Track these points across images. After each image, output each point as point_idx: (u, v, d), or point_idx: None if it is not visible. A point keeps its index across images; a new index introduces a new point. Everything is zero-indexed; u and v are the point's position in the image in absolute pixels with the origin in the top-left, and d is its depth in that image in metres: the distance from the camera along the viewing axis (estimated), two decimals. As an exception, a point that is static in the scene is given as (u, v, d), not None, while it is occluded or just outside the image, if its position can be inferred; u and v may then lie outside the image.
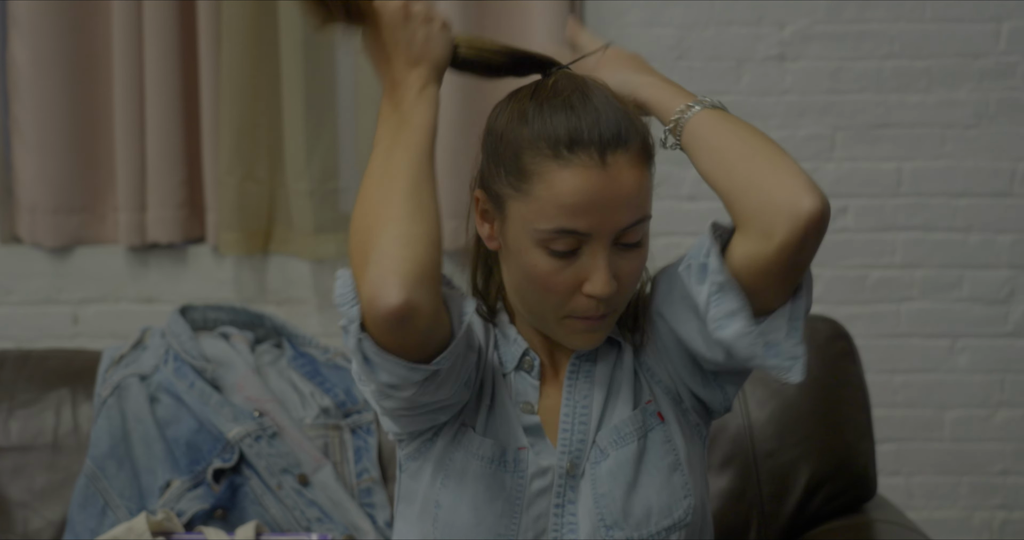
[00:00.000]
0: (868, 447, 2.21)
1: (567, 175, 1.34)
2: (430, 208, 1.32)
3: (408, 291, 1.26)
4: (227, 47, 2.71)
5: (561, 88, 1.39)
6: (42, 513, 2.20)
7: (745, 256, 1.35)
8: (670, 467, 1.46)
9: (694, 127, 1.39)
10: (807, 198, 1.32)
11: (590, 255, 1.36)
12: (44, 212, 2.80)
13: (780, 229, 1.32)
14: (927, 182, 2.88)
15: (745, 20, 2.83)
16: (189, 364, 2.22)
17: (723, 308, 1.36)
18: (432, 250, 1.29)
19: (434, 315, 1.30)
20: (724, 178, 1.37)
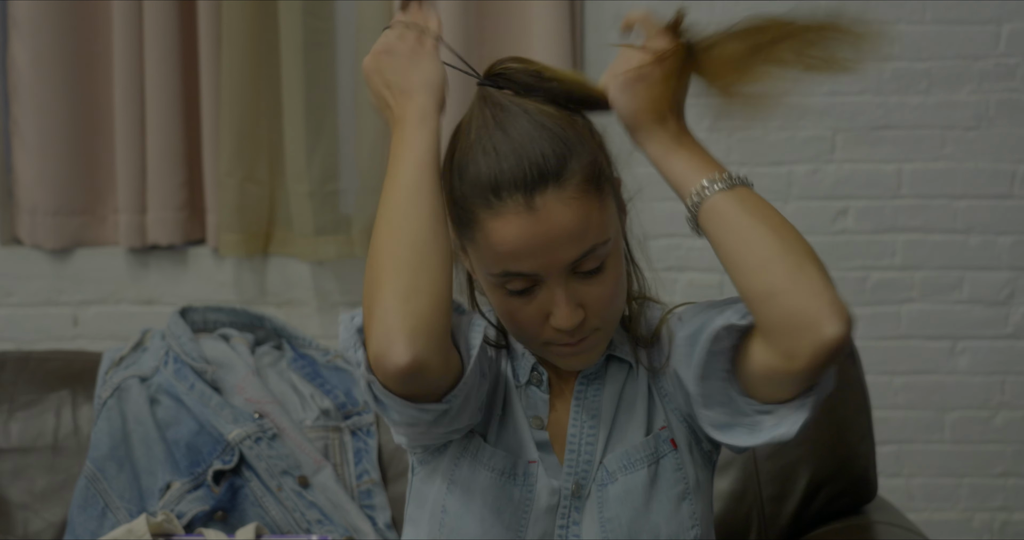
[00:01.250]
0: (868, 449, 2.21)
1: (499, 224, 1.31)
2: (434, 253, 1.28)
3: (415, 350, 1.25)
4: (227, 49, 2.71)
5: (479, 127, 1.34)
6: (42, 515, 2.20)
7: (765, 366, 1.30)
8: (679, 496, 1.44)
9: (712, 211, 1.33)
10: (830, 325, 1.26)
11: (548, 290, 1.34)
12: (44, 214, 2.80)
13: (803, 355, 1.27)
14: (927, 184, 2.88)
15: (745, 22, 2.82)
16: (189, 366, 2.22)
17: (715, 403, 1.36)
18: (437, 301, 1.26)
19: (444, 366, 1.28)
20: (743, 280, 1.30)
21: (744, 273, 1.30)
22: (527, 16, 2.72)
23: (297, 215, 2.77)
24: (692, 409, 1.43)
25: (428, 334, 1.25)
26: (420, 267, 1.27)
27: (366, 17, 2.73)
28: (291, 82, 2.72)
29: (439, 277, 1.27)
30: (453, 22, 2.67)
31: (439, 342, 1.26)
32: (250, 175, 2.77)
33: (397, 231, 1.29)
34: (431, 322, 1.25)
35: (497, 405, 1.46)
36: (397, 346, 1.24)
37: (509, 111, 1.34)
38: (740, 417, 1.35)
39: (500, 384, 1.46)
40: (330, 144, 2.78)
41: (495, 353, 1.47)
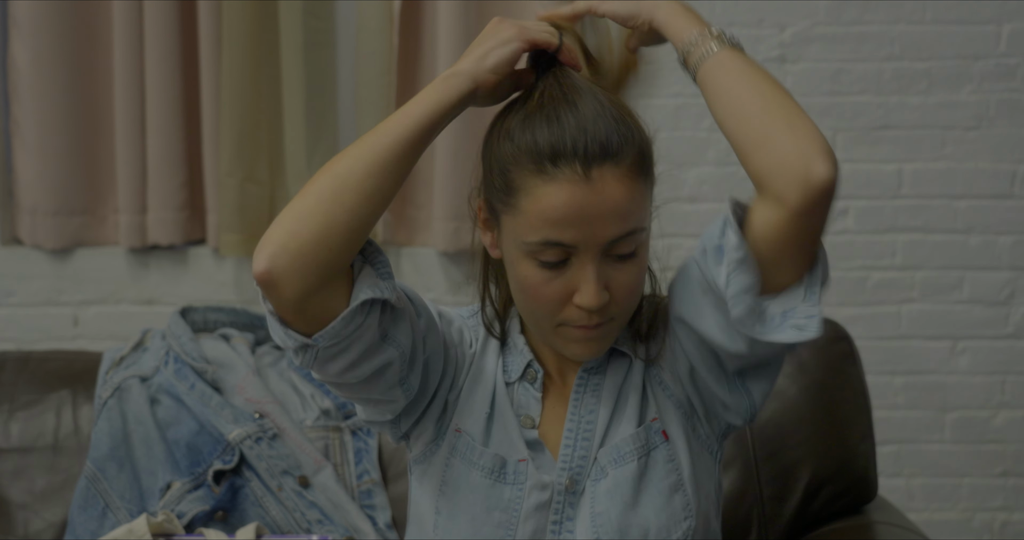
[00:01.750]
0: (869, 449, 2.21)
1: (551, 189, 1.33)
2: (353, 194, 1.31)
3: (271, 263, 1.29)
4: (228, 49, 2.71)
5: (548, 98, 1.37)
6: (43, 515, 2.20)
7: (761, 224, 1.33)
8: (671, 487, 1.44)
9: (713, 68, 1.37)
10: (819, 163, 1.29)
11: (579, 266, 1.35)
12: (45, 214, 2.80)
13: (793, 194, 1.30)
14: (927, 184, 2.88)
15: (745, 22, 2.83)
16: (189, 366, 2.22)
17: (739, 284, 1.34)
18: (327, 232, 1.29)
19: (302, 292, 1.29)
20: (738, 130, 1.34)
21: (741, 120, 1.34)
22: (527, 16, 2.71)
23: (297, 215, 2.76)
24: (697, 367, 1.43)
25: (295, 255, 1.28)
26: (329, 198, 1.30)
27: (366, 17, 2.73)
28: (291, 82, 2.72)
29: (342, 214, 1.30)
30: (453, 22, 2.67)
31: (305, 268, 1.29)
32: (250, 175, 2.77)
33: (334, 163, 1.33)
34: (303, 246, 1.29)
35: (484, 403, 1.46)
36: (260, 254, 1.30)
37: (580, 89, 1.37)
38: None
39: (486, 382, 1.46)
40: (330, 144, 2.78)
41: (481, 346, 1.47)
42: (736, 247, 1.33)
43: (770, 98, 1.35)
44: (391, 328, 1.38)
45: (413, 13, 2.76)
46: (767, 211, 1.32)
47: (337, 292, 1.32)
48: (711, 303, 1.38)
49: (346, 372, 1.37)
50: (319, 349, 1.33)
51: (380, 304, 1.35)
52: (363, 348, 1.36)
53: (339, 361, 1.35)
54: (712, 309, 1.38)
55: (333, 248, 1.30)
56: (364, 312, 1.33)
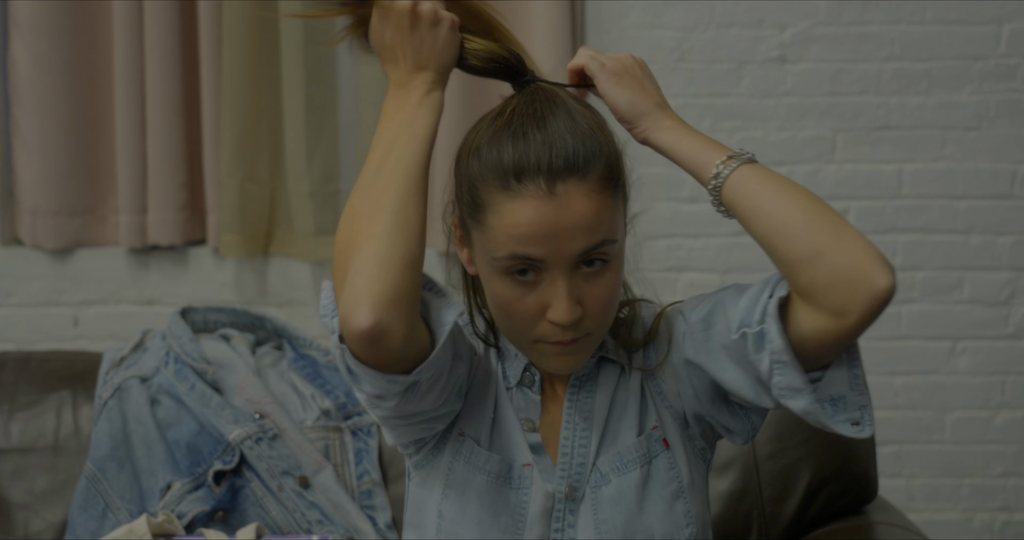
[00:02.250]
0: (869, 449, 2.21)
1: (516, 206, 1.32)
2: (414, 225, 1.30)
3: (378, 314, 1.26)
4: (228, 49, 2.71)
5: (516, 115, 1.36)
6: (43, 515, 2.20)
7: (815, 330, 1.31)
8: (673, 495, 1.44)
9: (737, 188, 1.35)
10: (882, 276, 1.29)
11: (550, 281, 1.34)
12: (45, 214, 2.80)
13: (856, 308, 1.29)
14: (928, 184, 2.88)
15: (746, 22, 2.83)
16: (190, 366, 2.22)
17: (787, 381, 1.33)
18: (409, 270, 1.28)
19: (407, 335, 1.28)
20: (784, 248, 1.32)
21: (786, 237, 1.32)
22: (527, 16, 2.72)
23: (298, 215, 2.77)
24: (703, 399, 1.43)
25: (395, 301, 1.27)
26: (398, 236, 1.29)
27: (366, 17, 2.73)
28: (291, 82, 2.72)
29: (414, 248, 1.30)
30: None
31: (405, 311, 1.28)
32: (251, 175, 2.77)
33: (382, 198, 1.31)
34: (399, 290, 1.27)
35: (488, 407, 1.46)
36: (363, 309, 1.26)
37: (553, 104, 1.36)
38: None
39: (491, 385, 1.46)
40: (330, 144, 2.78)
41: (483, 350, 1.47)
42: (782, 351, 1.32)
43: (809, 209, 1.32)
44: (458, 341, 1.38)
45: (413, 13, 2.76)
46: (821, 321, 1.31)
47: (417, 327, 1.31)
48: (736, 360, 1.37)
49: (439, 399, 1.37)
50: (422, 382, 1.32)
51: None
52: (448, 379, 1.37)
53: (434, 391, 1.35)
54: (736, 365, 1.37)
55: (417, 282, 1.30)
56: (453, 335, 1.34)
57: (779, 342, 1.31)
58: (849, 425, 1.34)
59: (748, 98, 2.85)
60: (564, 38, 2.71)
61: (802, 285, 1.31)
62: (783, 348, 1.31)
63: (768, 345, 1.32)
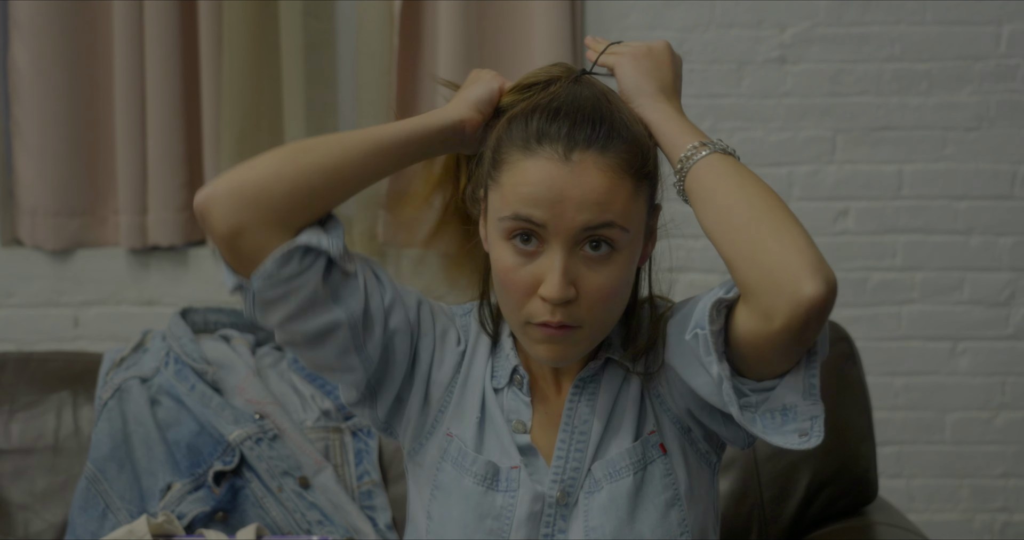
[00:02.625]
0: (869, 450, 2.21)
1: (528, 164, 1.34)
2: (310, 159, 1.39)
3: (209, 193, 1.38)
4: (228, 49, 2.71)
5: (558, 92, 1.39)
6: (43, 515, 2.20)
7: (747, 331, 1.29)
8: (668, 503, 1.42)
9: (699, 174, 1.34)
10: (809, 283, 1.24)
11: (548, 254, 1.34)
12: (45, 215, 2.80)
13: (780, 313, 1.25)
14: (928, 185, 2.88)
15: (746, 22, 2.83)
16: (190, 366, 2.22)
17: (729, 391, 1.31)
18: (269, 178, 1.37)
19: (234, 227, 1.37)
20: (725, 242, 1.31)
21: (728, 232, 1.30)
22: (527, 16, 2.72)
23: (298, 216, 2.77)
24: (691, 404, 1.42)
25: (233, 191, 1.37)
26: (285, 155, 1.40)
27: (367, 18, 2.73)
28: (292, 83, 2.72)
29: (289, 170, 1.38)
30: (453, 22, 2.67)
31: (240, 204, 1.37)
32: (251, 176, 2.77)
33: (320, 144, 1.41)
34: (245, 186, 1.37)
35: (473, 407, 1.45)
36: (204, 187, 1.39)
37: (597, 91, 1.39)
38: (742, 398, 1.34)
39: (475, 386, 1.46)
40: (331, 145, 2.78)
41: (471, 347, 1.47)
42: (719, 374, 1.31)
43: (757, 206, 1.30)
44: (340, 289, 1.41)
45: (413, 14, 2.76)
46: (751, 322, 1.28)
47: (278, 242, 1.38)
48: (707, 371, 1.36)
49: (288, 323, 1.41)
50: (254, 292, 1.39)
51: (325, 261, 1.39)
52: (304, 301, 1.39)
53: (279, 309, 1.40)
54: (704, 370, 1.35)
55: (274, 196, 1.37)
56: (299, 259, 1.38)
57: (716, 368, 1.30)
58: (796, 436, 1.30)
59: (748, 98, 2.85)
60: (564, 38, 2.71)
61: (738, 281, 1.30)
62: (720, 373, 1.30)
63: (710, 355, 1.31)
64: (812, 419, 1.31)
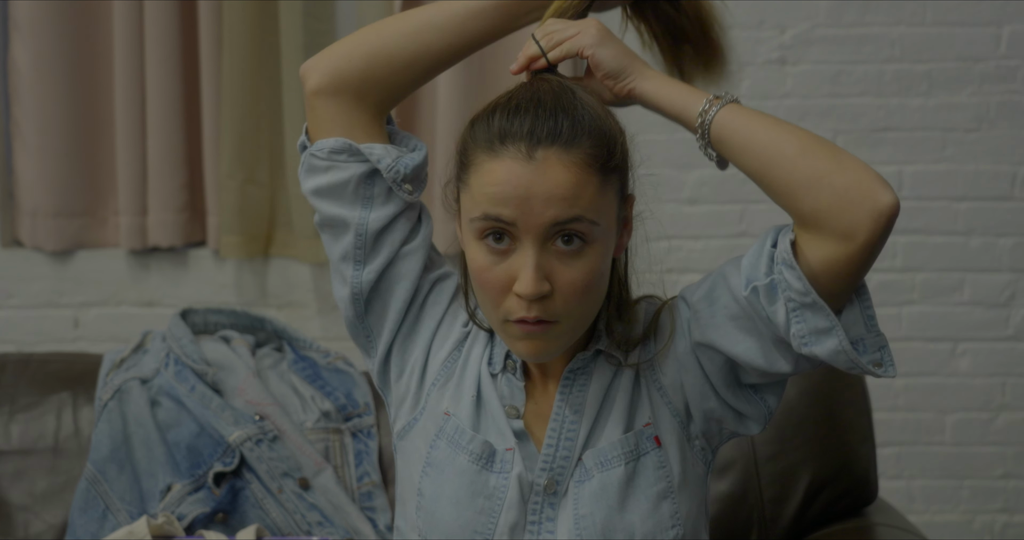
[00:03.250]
0: (869, 450, 2.21)
1: (494, 165, 1.35)
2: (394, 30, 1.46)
3: (315, 58, 1.46)
4: (228, 50, 2.71)
5: (518, 92, 1.40)
6: (43, 517, 2.20)
7: (823, 260, 1.32)
8: (659, 495, 1.43)
9: (726, 123, 1.37)
10: (885, 192, 1.31)
11: (520, 252, 1.35)
12: (45, 216, 2.80)
13: (863, 227, 1.30)
14: (928, 186, 2.88)
15: (746, 23, 2.83)
16: (190, 368, 2.22)
17: (809, 326, 1.33)
18: (355, 46, 1.46)
19: (318, 86, 1.45)
20: (783, 174, 1.33)
21: (783, 165, 1.33)
22: (528, 18, 2.72)
23: (298, 217, 2.77)
24: (718, 384, 1.43)
25: (328, 55, 1.46)
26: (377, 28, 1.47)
27: (367, 18, 2.73)
28: (292, 83, 2.72)
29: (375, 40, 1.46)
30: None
31: (328, 66, 1.45)
32: (251, 177, 2.77)
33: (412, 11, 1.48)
34: (336, 51, 1.46)
35: (469, 387, 1.46)
36: (317, 57, 1.47)
37: (555, 90, 1.40)
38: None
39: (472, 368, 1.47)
40: (331, 146, 2.78)
41: (469, 324, 1.49)
42: (803, 292, 1.32)
43: (802, 136, 1.34)
44: (375, 199, 1.46)
45: (413, 15, 2.76)
46: (829, 248, 1.32)
47: (355, 122, 1.45)
48: (746, 328, 1.38)
49: (314, 196, 1.47)
50: (308, 154, 1.46)
51: (372, 168, 1.45)
52: (337, 183, 1.45)
53: (315, 178, 1.46)
54: (746, 334, 1.38)
55: (353, 60, 1.45)
56: (358, 154, 1.44)
57: (798, 284, 1.32)
58: (872, 367, 1.35)
59: (748, 100, 2.83)
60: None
61: (805, 212, 1.32)
62: (804, 289, 1.32)
63: (783, 293, 1.33)
64: (881, 349, 1.36)
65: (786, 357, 1.38)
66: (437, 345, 1.49)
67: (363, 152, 1.44)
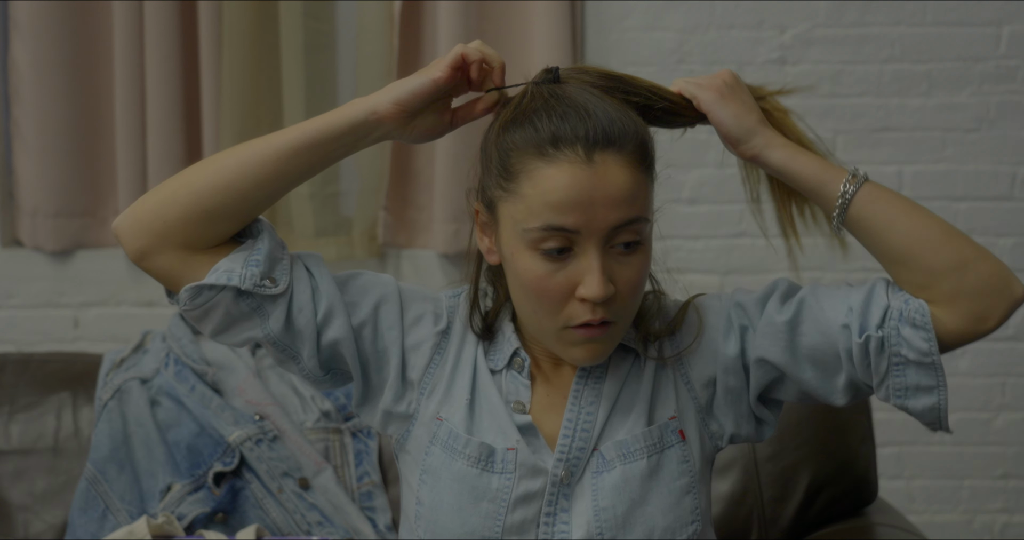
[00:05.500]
0: (869, 450, 2.21)
1: (552, 172, 1.33)
2: (202, 179, 1.39)
3: (120, 219, 1.41)
4: (228, 50, 2.71)
5: (538, 97, 1.37)
6: (43, 516, 2.20)
7: (953, 333, 1.42)
8: (683, 489, 1.43)
9: (866, 204, 1.40)
10: (1020, 286, 1.39)
11: (582, 256, 1.34)
12: (45, 216, 2.80)
13: (996, 314, 1.39)
14: (928, 186, 2.88)
15: (746, 23, 2.83)
16: (190, 368, 2.22)
17: (910, 381, 1.44)
18: (162, 203, 1.39)
19: (139, 250, 1.40)
20: (929, 256, 1.38)
21: (930, 248, 1.38)
22: (527, 16, 2.72)
23: (298, 217, 2.77)
24: (754, 392, 1.45)
25: (136, 217, 1.40)
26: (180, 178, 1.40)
27: (367, 19, 2.73)
28: (292, 84, 2.72)
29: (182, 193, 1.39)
30: (453, 22, 2.67)
31: (139, 230, 1.39)
32: (251, 177, 2.76)
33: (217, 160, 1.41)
34: (144, 212, 1.40)
35: (463, 390, 1.45)
36: (121, 215, 1.42)
37: (573, 88, 1.38)
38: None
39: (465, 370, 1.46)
40: (331, 146, 2.78)
41: (450, 326, 1.47)
42: (926, 353, 1.42)
43: (942, 223, 1.40)
44: (264, 306, 1.42)
45: (413, 14, 2.76)
46: (961, 325, 1.41)
47: (193, 264, 1.40)
48: (819, 362, 1.42)
49: (215, 336, 1.44)
50: (180, 312, 1.44)
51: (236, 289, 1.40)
52: (220, 321, 1.42)
53: (203, 325, 1.43)
54: (815, 366, 1.43)
55: (168, 221, 1.38)
56: (209, 290, 1.40)
57: (924, 346, 1.41)
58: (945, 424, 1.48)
59: (748, 99, 2.84)
60: (564, 39, 2.71)
61: (944, 292, 1.38)
62: (929, 351, 1.42)
63: (894, 348, 1.40)
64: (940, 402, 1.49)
65: (847, 394, 1.44)
66: (411, 359, 1.47)
67: (210, 284, 1.39)
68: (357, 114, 1.40)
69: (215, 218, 1.39)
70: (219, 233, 1.41)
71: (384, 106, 1.39)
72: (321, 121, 1.42)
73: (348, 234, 2.80)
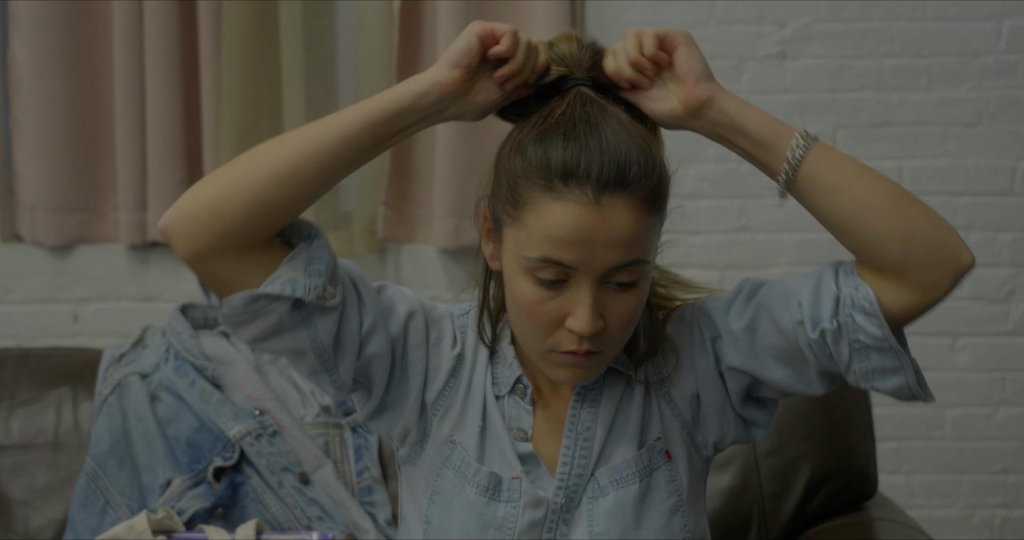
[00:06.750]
0: (869, 445, 2.21)
1: (558, 208, 1.31)
2: (263, 173, 1.32)
3: (170, 218, 1.32)
4: (228, 46, 2.71)
5: (567, 116, 1.33)
6: (43, 511, 2.20)
7: (902, 307, 1.34)
8: (672, 509, 1.43)
9: (816, 164, 1.35)
10: (966, 252, 1.34)
11: (576, 289, 1.33)
12: (45, 211, 2.80)
13: (943, 284, 1.34)
14: (928, 181, 2.88)
15: (746, 18, 2.83)
16: (190, 362, 2.22)
17: (874, 365, 1.36)
18: (221, 201, 1.31)
19: (194, 252, 1.32)
20: (874, 225, 1.33)
21: (878, 215, 1.33)
22: (527, 16, 2.72)
23: (297, 212, 2.77)
24: (736, 400, 1.44)
25: (190, 217, 1.31)
26: (239, 172, 1.32)
27: (367, 15, 2.73)
28: (291, 80, 2.72)
29: (242, 188, 1.31)
30: (453, 22, 2.67)
31: (196, 230, 1.31)
32: (250, 172, 2.77)
33: (267, 142, 1.34)
34: (200, 211, 1.31)
35: (475, 416, 1.45)
36: (169, 209, 1.33)
37: (606, 112, 1.34)
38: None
39: (476, 394, 1.45)
40: (330, 141, 2.78)
41: (468, 350, 1.46)
42: (881, 339, 1.34)
43: (894, 188, 1.35)
44: (314, 317, 1.37)
45: (413, 11, 2.76)
46: (908, 297, 1.34)
47: (248, 266, 1.34)
48: (786, 359, 1.40)
49: (255, 343, 1.38)
50: (223, 314, 1.35)
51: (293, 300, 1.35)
52: (270, 327, 1.36)
53: (246, 331, 1.37)
54: (784, 364, 1.40)
55: (227, 219, 1.31)
56: (270, 299, 1.34)
57: (877, 332, 1.34)
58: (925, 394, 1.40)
59: (748, 94, 2.83)
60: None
61: (891, 261, 1.33)
62: (883, 336, 1.34)
63: (850, 335, 1.34)
64: (917, 373, 1.37)
65: (824, 383, 1.41)
66: (431, 380, 1.46)
67: (275, 294, 1.33)
68: (419, 86, 1.34)
69: (275, 212, 1.33)
70: (273, 228, 1.34)
71: (444, 73, 1.34)
72: (385, 97, 1.35)
73: (348, 229, 2.80)
